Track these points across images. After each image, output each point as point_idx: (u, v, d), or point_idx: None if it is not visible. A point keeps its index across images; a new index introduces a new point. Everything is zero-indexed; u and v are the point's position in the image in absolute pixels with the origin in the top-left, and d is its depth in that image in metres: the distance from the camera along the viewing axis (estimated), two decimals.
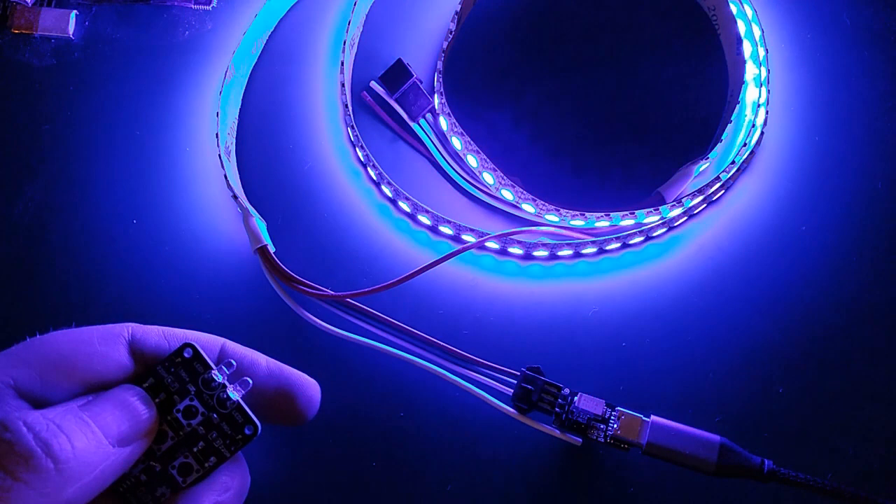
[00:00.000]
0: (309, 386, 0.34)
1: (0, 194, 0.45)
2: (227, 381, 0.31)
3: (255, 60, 0.47)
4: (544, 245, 0.43)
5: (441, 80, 0.45)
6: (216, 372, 0.31)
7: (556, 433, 0.38)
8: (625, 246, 0.44)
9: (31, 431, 0.27)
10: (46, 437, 0.27)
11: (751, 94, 0.45)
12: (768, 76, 0.45)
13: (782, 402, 0.41)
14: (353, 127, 0.44)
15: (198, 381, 0.31)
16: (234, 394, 0.31)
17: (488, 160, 0.43)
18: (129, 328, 0.32)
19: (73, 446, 0.27)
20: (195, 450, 0.31)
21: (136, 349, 0.31)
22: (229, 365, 0.31)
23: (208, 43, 0.47)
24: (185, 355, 0.31)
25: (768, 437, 0.40)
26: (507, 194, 0.43)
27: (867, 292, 0.43)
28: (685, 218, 0.44)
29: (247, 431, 0.31)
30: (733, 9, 0.45)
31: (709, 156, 0.44)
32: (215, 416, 0.31)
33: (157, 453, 0.31)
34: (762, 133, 0.45)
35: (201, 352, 0.31)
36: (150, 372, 0.31)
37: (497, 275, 0.44)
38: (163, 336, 0.32)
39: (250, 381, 0.31)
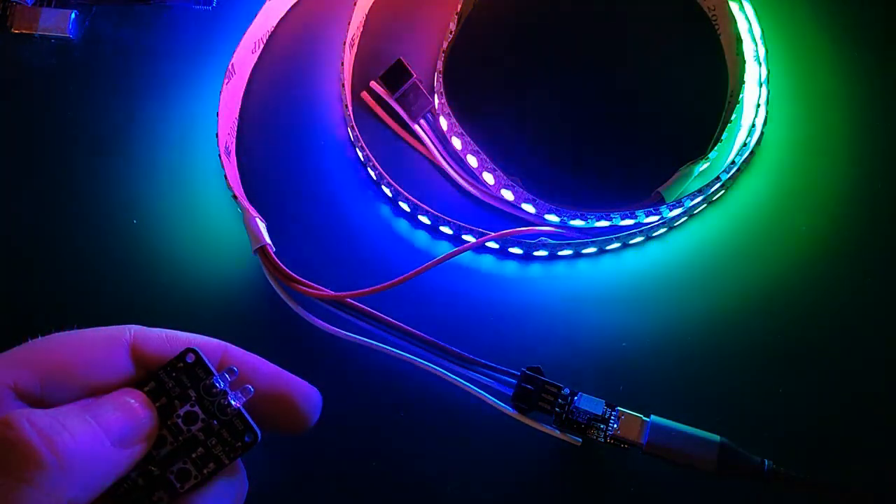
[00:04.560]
0: (309, 393, 0.34)
1: (0, 194, 0.45)
2: (228, 387, 0.31)
3: (255, 60, 0.47)
4: (544, 245, 0.43)
5: (441, 80, 0.45)
6: (218, 378, 0.31)
7: (556, 433, 0.38)
8: (625, 246, 0.44)
9: (34, 429, 0.26)
10: (50, 435, 0.26)
11: (751, 94, 0.45)
12: (768, 76, 0.45)
13: (782, 402, 0.41)
14: (353, 127, 0.44)
15: (199, 387, 0.31)
16: (235, 401, 0.31)
17: (488, 160, 0.43)
18: (131, 331, 0.32)
19: (76, 445, 0.27)
20: (194, 456, 0.31)
21: (137, 353, 0.31)
22: (231, 372, 0.31)
23: (208, 43, 0.47)
24: (187, 360, 0.31)
25: (768, 437, 0.40)
26: (507, 194, 0.43)
27: (867, 292, 0.43)
28: (685, 218, 0.44)
29: (246, 439, 0.31)
30: (734, 8, 0.45)
31: (709, 156, 0.44)
32: (215, 422, 0.31)
33: (156, 458, 0.31)
34: (762, 133, 0.45)
35: (203, 357, 0.31)
36: (152, 376, 0.31)
37: (497, 275, 0.44)
38: (165, 340, 0.32)
39: (251, 389, 0.31)
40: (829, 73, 0.46)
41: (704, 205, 0.44)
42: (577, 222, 0.43)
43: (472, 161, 0.44)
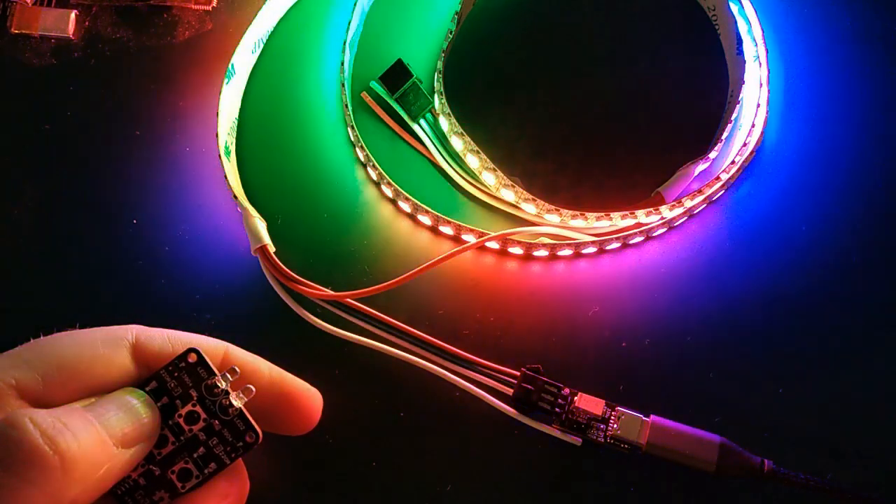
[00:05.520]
0: (310, 396, 0.34)
1: (0, 194, 0.45)
2: (230, 387, 0.31)
3: (255, 60, 0.47)
4: (544, 245, 0.43)
5: (441, 80, 0.45)
6: (219, 378, 0.31)
7: (556, 433, 0.38)
8: (625, 246, 0.44)
9: (37, 429, 0.26)
10: (53, 435, 0.27)
11: (751, 94, 0.45)
12: (768, 76, 0.45)
13: (782, 402, 0.41)
14: (353, 127, 0.44)
15: (201, 387, 0.31)
16: (237, 401, 0.31)
17: (488, 160, 0.43)
18: (132, 331, 0.32)
19: (79, 445, 0.27)
20: (195, 455, 0.31)
21: (139, 352, 0.31)
22: (233, 372, 0.31)
23: (208, 43, 0.47)
24: (189, 360, 0.31)
25: (768, 437, 0.40)
26: (507, 194, 0.44)
27: (867, 292, 0.43)
28: (685, 218, 0.44)
29: (247, 439, 0.31)
30: (733, 8, 0.45)
31: (709, 156, 0.44)
32: (217, 422, 0.31)
33: (157, 458, 0.31)
34: (762, 133, 0.45)
35: (205, 357, 0.31)
36: (154, 376, 0.31)
37: (497, 275, 0.44)
38: (167, 340, 0.32)
39: (253, 389, 0.31)
40: (829, 73, 0.46)
41: (704, 205, 0.44)
42: (577, 222, 0.43)
43: (472, 161, 0.44)
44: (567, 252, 0.43)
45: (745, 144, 0.44)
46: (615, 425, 0.37)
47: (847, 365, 0.41)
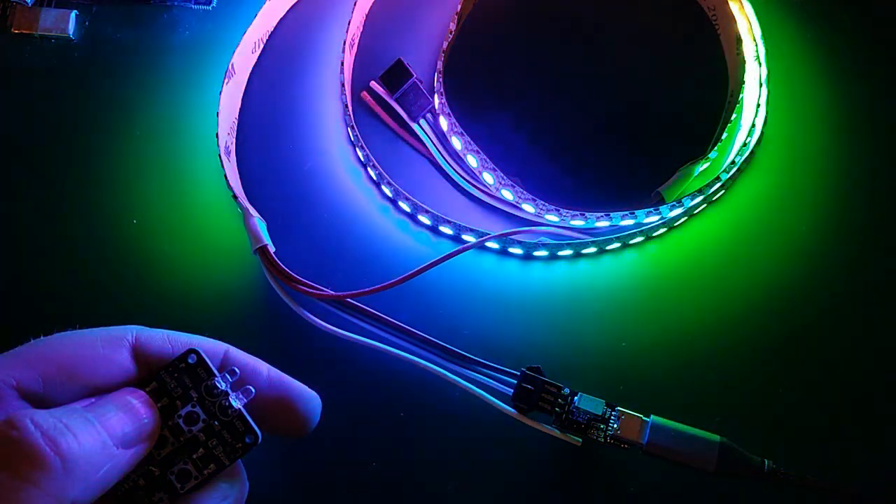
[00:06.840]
0: (309, 398, 0.34)
1: (0, 194, 0.45)
2: (230, 388, 0.31)
3: (255, 60, 0.47)
4: (544, 245, 0.43)
5: (441, 80, 0.45)
6: (219, 379, 0.31)
7: (556, 433, 0.38)
8: (625, 246, 0.44)
9: (38, 429, 0.26)
10: (54, 436, 0.27)
11: (751, 94, 0.45)
12: (768, 76, 0.45)
13: (782, 402, 0.41)
14: (353, 127, 0.44)
15: (200, 388, 0.31)
16: (236, 402, 0.31)
17: (488, 160, 0.43)
18: (133, 331, 0.32)
19: (79, 445, 0.27)
20: (195, 456, 0.31)
21: (139, 353, 0.31)
22: (233, 373, 0.31)
23: (208, 43, 0.47)
24: (189, 361, 0.31)
25: (768, 437, 0.40)
26: (507, 194, 0.44)
27: (867, 292, 0.43)
28: (685, 218, 0.44)
29: (247, 440, 0.31)
30: (733, 8, 0.45)
31: (709, 156, 0.44)
32: (216, 423, 0.31)
33: (157, 458, 0.31)
34: (762, 133, 0.45)
35: (205, 358, 0.31)
36: (154, 376, 0.31)
37: (497, 275, 0.44)
38: (167, 340, 0.32)
39: (252, 390, 0.31)
40: (829, 73, 0.46)
41: (704, 205, 0.44)
42: (577, 222, 0.43)
43: (472, 161, 0.44)
44: (567, 252, 0.43)
45: (744, 144, 0.44)
46: (615, 425, 0.37)
47: (846, 365, 0.41)
